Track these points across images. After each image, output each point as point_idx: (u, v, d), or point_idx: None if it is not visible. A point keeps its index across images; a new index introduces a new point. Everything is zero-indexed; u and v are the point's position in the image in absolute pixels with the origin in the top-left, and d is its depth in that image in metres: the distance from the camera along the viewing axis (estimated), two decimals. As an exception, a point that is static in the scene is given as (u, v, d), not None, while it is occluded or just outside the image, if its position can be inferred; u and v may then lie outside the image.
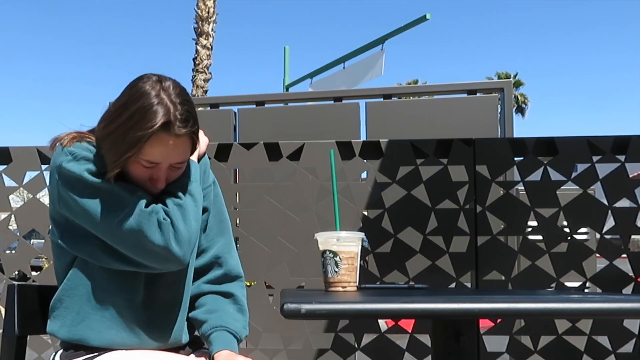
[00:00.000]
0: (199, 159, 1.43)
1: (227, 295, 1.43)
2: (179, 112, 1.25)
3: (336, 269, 1.30)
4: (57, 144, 1.31)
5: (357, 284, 1.34)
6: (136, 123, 1.23)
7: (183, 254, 1.26)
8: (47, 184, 2.54)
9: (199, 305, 1.41)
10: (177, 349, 1.39)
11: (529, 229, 2.47)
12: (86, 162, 1.27)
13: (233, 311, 1.41)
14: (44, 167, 2.60)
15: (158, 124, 1.22)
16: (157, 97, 1.24)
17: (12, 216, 2.62)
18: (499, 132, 4.08)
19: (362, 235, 1.34)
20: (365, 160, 2.55)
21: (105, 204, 1.25)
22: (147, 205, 1.26)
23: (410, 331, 2.47)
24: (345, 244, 1.31)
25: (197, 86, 13.06)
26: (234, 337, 1.35)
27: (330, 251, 1.31)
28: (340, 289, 1.31)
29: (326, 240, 1.32)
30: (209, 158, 2.56)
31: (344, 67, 7.83)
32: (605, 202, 2.44)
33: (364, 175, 2.65)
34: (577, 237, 2.46)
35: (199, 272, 1.43)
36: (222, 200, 1.50)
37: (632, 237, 2.44)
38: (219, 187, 1.50)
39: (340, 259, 1.30)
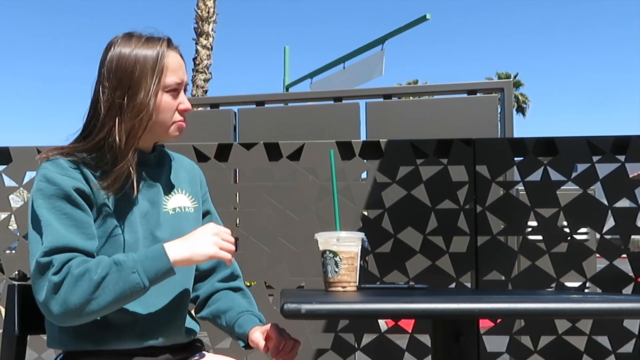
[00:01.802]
0: None
1: (236, 289, 1.52)
2: (162, 36, 1.34)
3: (336, 269, 1.30)
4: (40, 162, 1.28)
5: (357, 284, 1.34)
6: (143, 65, 1.27)
7: (61, 318, 1.16)
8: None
9: (214, 301, 1.49)
10: (179, 349, 1.40)
11: (529, 229, 2.47)
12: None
13: (245, 303, 1.49)
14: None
15: (164, 44, 1.30)
16: (137, 39, 1.31)
17: (12, 216, 2.62)
18: (499, 132, 4.09)
19: (362, 235, 1.34)
20: (365, 160, 2.55)
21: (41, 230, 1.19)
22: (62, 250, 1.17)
23: (410, 331, 2.47)
24: (345, 244, 1.31)
25: (197, 86, 13.06)
26: (259, 319, 1.43)
27: (330, 251, 1.31)
28: (340, 289, 1.31)
29: (326, 240, 1.32)
30: (209, 158, 2.56)
31: (344, 67, 7.83)
32: (605, 202, 2.44)
33: (364, 175, 2.65)
34: (577, 237, 2.46)
35: (208, 272, 1.51)
36: (214, 208, 1.57)
37: (632, 237, 2.44)
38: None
39: (340, 259, 1.30)
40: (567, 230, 2.44)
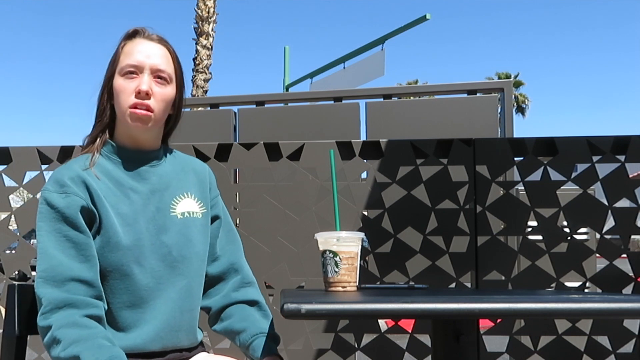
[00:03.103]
0: None
1: (252, 303, 1.46)
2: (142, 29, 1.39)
3: (336, 269, 1.30)
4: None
5: (357, 284, 1.34)
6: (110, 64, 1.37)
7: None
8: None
9: (227, 315, 1.44)
10: (189, 349, 1.40)
11: (529, 229, 2.47)
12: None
13: (260, 317, 1.44)
14: (44, 167, 2.60)
15: (125, 36, 1.37)
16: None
17: (12, 216, 2.62)
18: (499, 132, 4.08)
19: (362, 235, 1.34)
20: (365, 160, 2.55)
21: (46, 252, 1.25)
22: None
23: (410, 331, 2.47)
24: (345, 244, 1.31)
25: (197, 86, 13.07)
26: (273, 341, 1.39)
27: (330, 251, 1.31)
28: (340, 289, 1.31)
29: (326, 240, 1.32)
30: (209, 158, 2.56)
31: (344, 67, 7.83)
32: (605, 202, 2.44)
33: (364, 175, 2.64)
34: (577, 237, 2.46)
35: (217, 279, 1.47)
36: (227, 212, 1.54)
37: (632, 237, 2.44)
38: (222, 201, 1.54)
39: (340, 259, 1.30)
40: (567, 230, 2.44)
